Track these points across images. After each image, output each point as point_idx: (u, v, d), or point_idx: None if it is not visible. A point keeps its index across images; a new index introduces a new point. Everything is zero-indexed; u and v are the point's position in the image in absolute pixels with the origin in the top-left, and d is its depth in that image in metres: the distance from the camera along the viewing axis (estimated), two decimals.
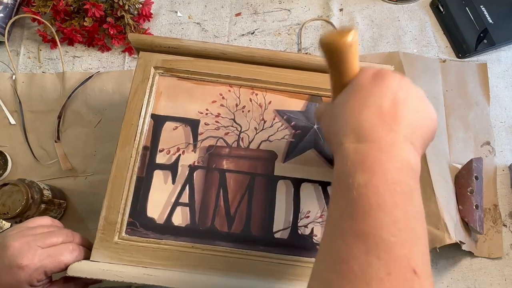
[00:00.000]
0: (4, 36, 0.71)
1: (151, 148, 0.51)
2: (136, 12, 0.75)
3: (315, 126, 0.53)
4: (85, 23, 0.71)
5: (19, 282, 0.40)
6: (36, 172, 0.66)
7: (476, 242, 0.64)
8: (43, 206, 0.57)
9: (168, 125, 0.52)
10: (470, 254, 0.64)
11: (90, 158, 0.67)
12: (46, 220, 0.48)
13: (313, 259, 0.47)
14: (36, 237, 0.43)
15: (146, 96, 0.51)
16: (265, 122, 0.53)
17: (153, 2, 0.76)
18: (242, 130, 0.52)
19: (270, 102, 0.53)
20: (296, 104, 0.53)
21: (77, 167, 0.67)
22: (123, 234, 0.47)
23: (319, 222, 0.49)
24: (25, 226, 0.45)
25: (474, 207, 0.63)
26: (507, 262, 0.64)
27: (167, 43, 0.52)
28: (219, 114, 0.52)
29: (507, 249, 0.65)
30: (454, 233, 0.59)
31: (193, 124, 0.52)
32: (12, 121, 0.69)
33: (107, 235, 0.46)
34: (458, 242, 0.59)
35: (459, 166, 0.68)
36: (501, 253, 0.64)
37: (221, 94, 0.53)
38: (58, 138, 0.68)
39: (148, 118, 0.51)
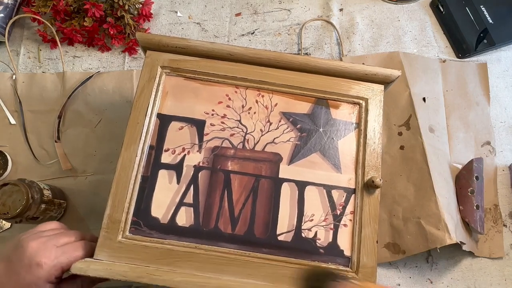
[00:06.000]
0: (4, 36, 0.71)
1: (157, 147, 0.51)
2: (136, 12, 0.75)
3: (321, 129, 0.53)
4: (85, 23, 0.71)
5: (39, 279, 0.42)
6: (36, 172, 0.66)
7: (477, 242, 0.64)
8: (43, 206, 0.57)
9: (174, 125, 0.52)
10: (470, 254, 0.64)
11: (90, 158, 0.67)
12: (54, 224, 0.50)
13: (315, 262, 0.47)
14: (51, 237, 0.45)
15: (153, 96, 0.51)
16: (270, 124, 0.53)
17: (153, 2, 0.76)
18: (247, 132, 0.52)
19: (276, 104, 0.53)
20: (302, 107, 0.53)
21: (77, 167, 0.67)
22: (127, 233, 0.47)
23: (323, 226, 0.49)
24: (37, 230, 0.47)
25: (475, 207, 0.63)
26: (507, 262, 0.64)
27: (174, 43, 0.52)
28: (225, 115, 0.52)
29: (507, 249, 0.65)
30: (455, 233, 0.59)
31: (198, 125, 0.52)
32: (12, 121, 0.69)
33: (111, 233, 0.46)
34: (459, 242, 0.59)
35: (460, 166, 0.68)
36: (502, 253, 0.64)
37: (227, 95, 0.53)
38: (58, 138, 0.68)
39: (154, 118, 0.51)
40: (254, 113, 0.53)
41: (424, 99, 0.70)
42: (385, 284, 0.63)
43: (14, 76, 0.71)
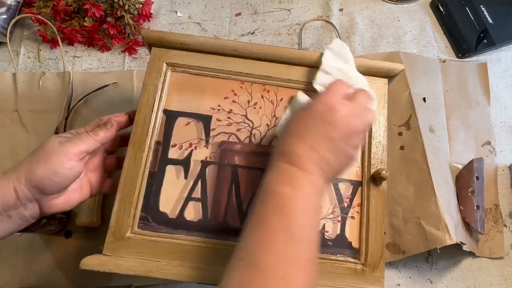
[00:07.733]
0: (6, 36, 0.71)
1: (164, 143, 0.51)
2: (136, 12, 0.75)
3: None
4: (85, 23, 0.71)
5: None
6: None
7: (478, 242, 0.64)
8: (44, 220, 0.56)
9: (181, 121, 0.52)
10: (470, 254, 0.64)
11: None
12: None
13: (324, 255, 0.48)
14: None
15: (159, 92, 0.51)
16: (276, 118, 0.53)
17: (153, 2, 0.76)
18: (254, 127, 0.52)
19: (281, 99, 0.53)
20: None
21: None
22: (136, 228, 0.47)
23: (330, 218, 0.49)
24: None
25: (475, 207, 0.63)
26: (507, 262, 0.64)
27: (179, 40, 0.52)
28: (231, 110, 0.53)
29: (507, 249, 0.65)
30: (455, 233, 0.59)
31: (205, 120, 0.52)
32: (13, 121, 0.69)
33: (120, 229, 0.47)
34: (459, 242, 0.59)
35: (460, 167, 0.68)
36: (502, 253, 0.64)
37: (233, 91, 0.53)
38: None
39: (160, 114, 0.51)
40: (260, 108, 0.53)
41: (424, 99, 0.70)
42: (385, 284, 0.63)
43: (14, 76, 0.71)
